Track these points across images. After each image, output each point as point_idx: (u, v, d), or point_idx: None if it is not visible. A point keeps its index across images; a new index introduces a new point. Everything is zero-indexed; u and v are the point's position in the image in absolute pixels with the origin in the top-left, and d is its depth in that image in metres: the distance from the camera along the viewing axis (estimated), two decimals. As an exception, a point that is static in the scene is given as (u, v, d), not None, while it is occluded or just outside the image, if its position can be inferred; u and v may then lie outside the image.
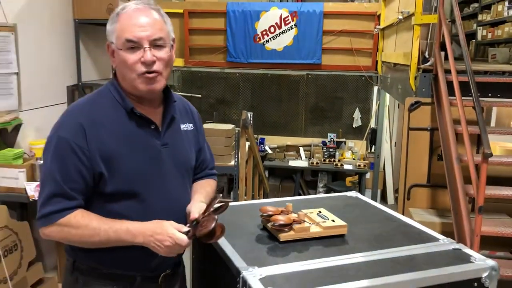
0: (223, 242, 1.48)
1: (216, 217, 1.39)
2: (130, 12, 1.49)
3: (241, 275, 1.28)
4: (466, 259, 1.42)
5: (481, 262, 1.39)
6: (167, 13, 5.37)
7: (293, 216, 1.57)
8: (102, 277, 1.54)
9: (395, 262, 1.39)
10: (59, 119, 1.52)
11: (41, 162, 2.90)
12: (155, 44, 1.48)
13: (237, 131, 4.56)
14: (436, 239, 1.57)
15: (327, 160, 7.46)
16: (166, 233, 1.38)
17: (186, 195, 1.63)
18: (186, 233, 1.39)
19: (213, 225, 1.36)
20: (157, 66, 1.49)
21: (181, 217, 1.51)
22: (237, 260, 1.36)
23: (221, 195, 1.54)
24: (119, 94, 1.54)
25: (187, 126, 1.68)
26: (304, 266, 1.34)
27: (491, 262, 1.38)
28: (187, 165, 1.66)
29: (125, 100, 1.52)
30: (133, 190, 1.49)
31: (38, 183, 2.80)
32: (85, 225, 1.42)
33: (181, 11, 7.17)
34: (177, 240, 1.37)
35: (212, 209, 1.43)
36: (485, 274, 1.37)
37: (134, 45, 1.46)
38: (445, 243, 1.54)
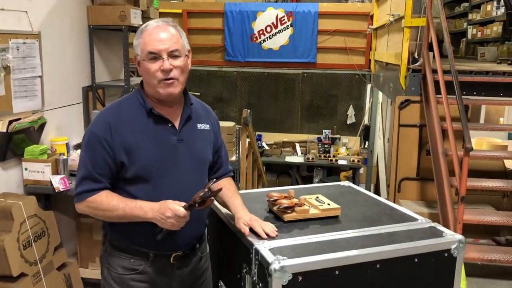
0: (237, 222, 1.77)
1: (206, 189, 1.68)
2: (151, 30, 1.76)
3: (254, 247, 1.57)
4: (439, 234, 1.71)
5: (450, 236, 1.68)
6: (166, 13, 5.63)
7: (295, 200, 1.85)
8: (123, 250, 1.85)
9: (380, 237, 1.67)
10: (94, 118, 1.86)
11: (64, 157, 3.19)
12: (172, 54, 1.74)
13: (237, 128, 4.83)
14: (416, 219, 1.86)
15: (322, 155, 7.72)
16: (167, 206, 1.66)
17: (197, 183, 1.87)
18: (184, 206, 1.68)
19: (202, 193, 1.66)
20: (173, 74, 1.75)
21: (189, 201, 1.74)
22: (250, 236, 1.65)
23: (214, 180, 1.84)
24: (141, 97, 1.84)
25: (204, 126, 1.95)
26: (305, 240, 1.63)
27: (459, 236, 1.67)
28: (201, 158, 1.93)
29: (146, 102, 1.82)
30: (147, 176, 1.76)
31: (62, 176, 3.09)
32: (107, 203, 1.73)
33: (179, 11, 7.37)
34: (175, 211, 1.65)
35: (208, 188, 1.71)
36: (453, 246, 1.65)
37: (155, 56, 1.73)
38: (422, 222, 1.82)
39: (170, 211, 1.65)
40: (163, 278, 1.86)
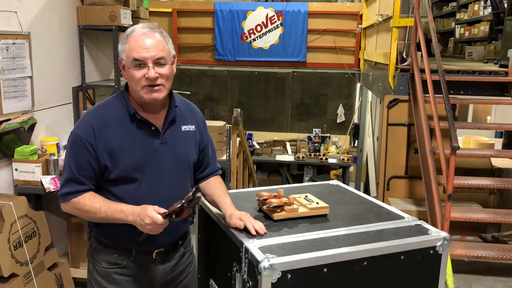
0: (227, 221, 1.80)
1: (183, 201, 1.69)
2: (137, 36, 1.76)
3: (243, 245, 1.59)
4: (425, 232, 1.75)
5: (436, 234, 1.72)
6: (156, 12, 5.71)
7: (284, 199, 1.88)
8: (107, 246, 1.90)
9: (368, 235, 1.71)
10: (79, 120, 1.88)
11: (54, 157, 3.19)
12: (158, 62, 1.76)
13: (228, 128, 4.85)
14: (402, 217, 1.90)
15: (312, 154, 7.76)
16: (147, 214, 1.68)
17: (180, 185, 1.91)
18: (162, 214, 1.70)
19: (179, 205, 1.67)
20: (159, 81, 1.77)
21: (172, 203, 1.75)
22: (240, 235, 1.68)
23: (194, 189, 1.76)
24: (125, 101, 1.85)
25: (189, 127, 1.97)
26: (294, 238, 1.66)
27: (443, 234, 1.71)
28: (185, 160, 1.95)
29: (129, 106, 1.84)
30: (130, 178, 1.80)
31: (53, 176, 3.10)
32: (90, 205, 1.76)
33: (169, 10, 7.36)
34: (153, 219, 1.68)
35: (186, 199, 1.70)
36: (439, 243, 1.69)
37: (140, 63, 1.74)
38: (409, 220, 1.86)
39: (148, 218, 1.68)
40: (145, 272, 1.92)
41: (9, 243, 2.75)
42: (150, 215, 1.68)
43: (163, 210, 1.71)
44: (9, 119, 3.00)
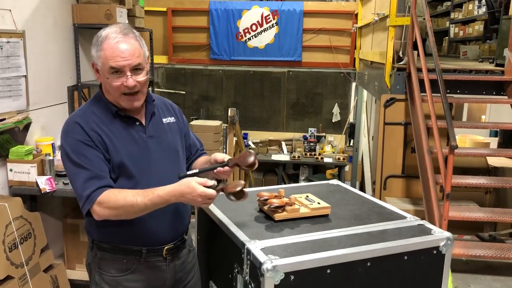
0: (228, 222, 1.78)
1: (243, 182, 1.68)
2: (112, 44, 1.72)
3: (245, 247, 1.57)
4: (428, 232, 1.73)
5: (439, 234, 1.70)
6: (150, 11, 5.65)
7: (285, 200, 1.86)
8: (114, 251, 1.85)
9: (370, 235, 1.69)
10: (62, 129, 1.81)
11: (50, 157, 3.15)
12: (135, 68, 1.75)
13: (224, 127, 4.83)
14: (404, 217, 1.88)
15: (308, 154, 7.76)
16: (196, 192, 1.62)
17: (175, 175, 1.85)
18: (213, 187, 1.64)
19: (239, 187, 1.64)
20: (137, 88, 1.77)
21: None
22: (241, 236, 1.65)
23: (243, 182, 1.75)
24: (104, 102, 1.83)
25: (169, 119, 1.99)
26: (296, 239, 1.63)
27: (447, 234, 1.69)
28: (174, 150, 1.96)
29: (110, 106, 1.82)
30: (127, 175, 1.78)
31: (48, 176, 3.06)
32: (124, 198, 1.66)
33: (164, 9, 7.32)
34: (207, 196, 1.62)
35: (239, 188, 1.66)
36: (442, 243, 1.68)
37: (118, 71, 1.73)
38: (411, 220, 1.84)
39: (200, 197, 1.63)
40: (157, 273, 1.89)
41: (4, 245, 2.70)
42: (201, 193, 1.62)
43: (210, 182, 1.65)
44: (4, 119, 2.95)
